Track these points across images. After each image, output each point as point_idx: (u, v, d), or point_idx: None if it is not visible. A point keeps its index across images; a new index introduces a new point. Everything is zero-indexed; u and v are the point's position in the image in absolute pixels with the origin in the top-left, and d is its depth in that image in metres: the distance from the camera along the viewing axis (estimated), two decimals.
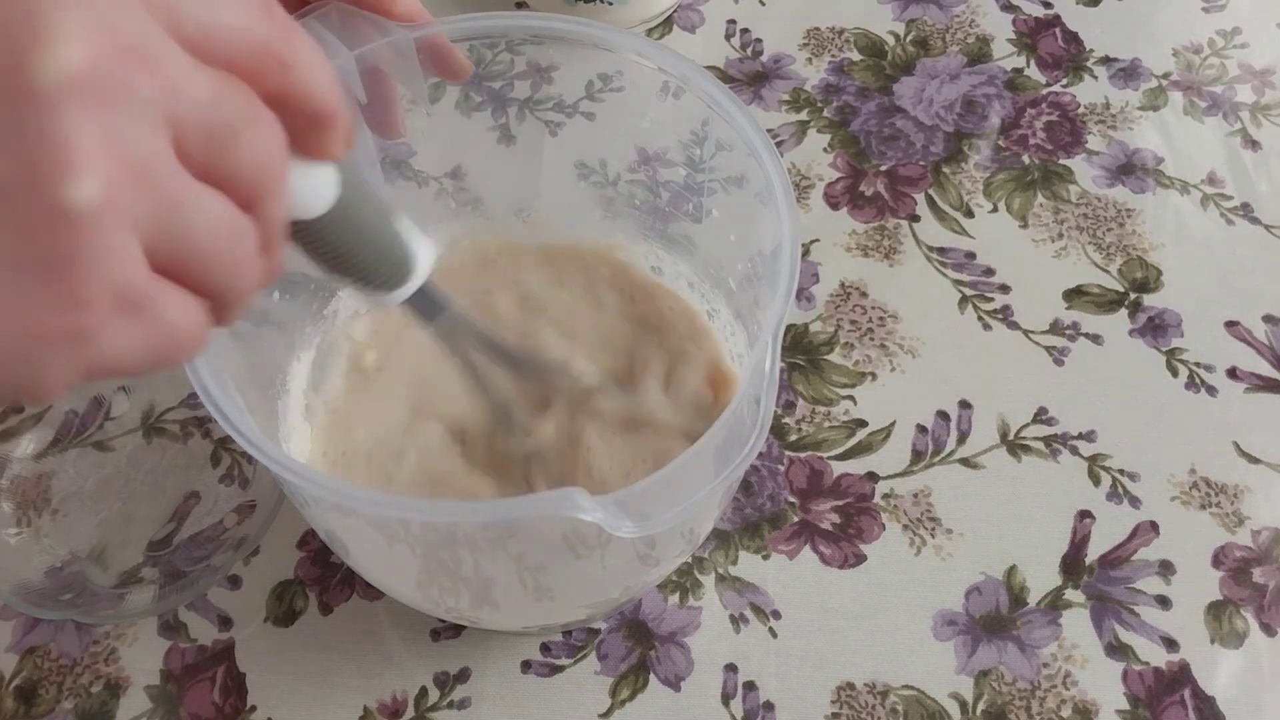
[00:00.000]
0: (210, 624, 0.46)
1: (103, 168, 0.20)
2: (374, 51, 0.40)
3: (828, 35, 0.66)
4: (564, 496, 0.31)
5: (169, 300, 0.23)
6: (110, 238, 0.21)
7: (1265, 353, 0.54)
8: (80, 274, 0.21)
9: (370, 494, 0.40)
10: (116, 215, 0.21)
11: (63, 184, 0.20)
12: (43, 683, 0.45)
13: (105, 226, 0.21)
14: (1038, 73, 0.65)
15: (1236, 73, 0.65)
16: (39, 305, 0.21)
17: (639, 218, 0.48)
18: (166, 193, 0.22)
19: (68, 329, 0.21)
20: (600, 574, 0.40)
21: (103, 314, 0.21)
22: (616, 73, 0.45)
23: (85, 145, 0.20)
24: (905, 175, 0.60)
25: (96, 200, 0.20)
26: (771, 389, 0.34)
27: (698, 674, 0.45)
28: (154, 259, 0.22)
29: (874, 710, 0.44)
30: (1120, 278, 0.56)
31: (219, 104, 0.23)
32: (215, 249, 0.23)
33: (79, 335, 0.21)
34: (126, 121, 0.21)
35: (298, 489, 0.35)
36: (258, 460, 0.33)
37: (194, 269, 0.23)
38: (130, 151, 0.21)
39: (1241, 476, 0.50)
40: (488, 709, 0.44)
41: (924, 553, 0.48)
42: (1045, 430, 0.51)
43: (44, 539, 0.47)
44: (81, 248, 0.21)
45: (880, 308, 0.55)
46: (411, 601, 0.43)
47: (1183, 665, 0.45)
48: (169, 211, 0.22)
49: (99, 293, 0.21)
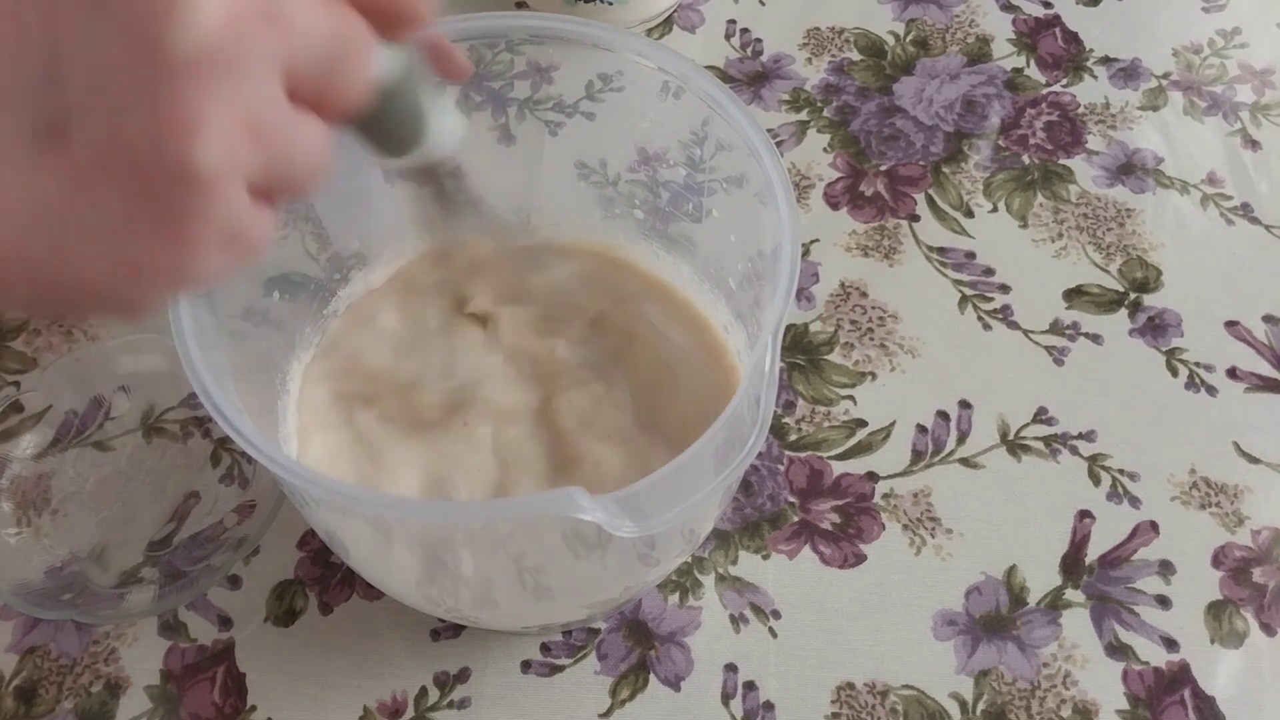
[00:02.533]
0: (210, 624, 0.46)
1: (225, 132, 0.21)
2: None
3: (828, 35, 0.66)
4: (564, 496, 0.31)
5: (262, 223, 0.24)
6: (225, 191, 0.22)
7: (1265, 353, 0.54)
8: (192, 224, 0.22)
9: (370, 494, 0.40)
10: (233, 172, 0.22)
11: (187, 148, 0.21)
12: (43, 683, 0.45)
13: (222, 182, 0.22)
14: (1038, 73, 0.65)
15: (1236, 73, 0.65)
16: (148, 247, 0.22)
17: (639, 218, 0.48)
18: (278, 140, 0.23)
19: (172, 265, 0.22)
20: (600, 574, 0.40)
21: (207, 251, 0.23)
22: (616, 73, 0.45)
23: (211, 111, 0.21)
24: (905, 175, 0.60)
25: (217, 163, 0.21)
26: (771, 389, 0.34)
27: (698, 674, 0.45)
28: (253, 190, 0.23)
29: (874, 710, 0.44)
30: (1120, 278, 0.56)
31: (331, 43, 0.24)
32: (306, 169, 0.24)
33: (181, 269, 0.23)
34: (249, 81, 0.22)
35: (298, 489, 0.35)
36: (258, 460, 0.33)
37: (285, 187, 0.24)
38: (250, 109, 0.22)
39: (1241, 476, 0.50)
40: (488, 709, 0.44)
41: (924, 553, 0.48)
42: (1045, 430, 0.51)
43: (44, 539, 0.47)
44: (197, 204, 0.22)
45: (880, 308, 0.55)
46: (411, 601, 0.43)
47: (1183, 665, 0.45)
48: (278, 156, 0.23)
49: (206, 236, 0.22)
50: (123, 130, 0.21)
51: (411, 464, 0.43)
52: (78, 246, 0.22)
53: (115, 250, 0.22)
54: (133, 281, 0.22)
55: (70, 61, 0.20)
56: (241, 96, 0.21)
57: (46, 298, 0.23)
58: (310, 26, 0.23)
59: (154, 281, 0.23)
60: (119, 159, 0.21)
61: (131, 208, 0.21)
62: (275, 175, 0.23)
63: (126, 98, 0.20)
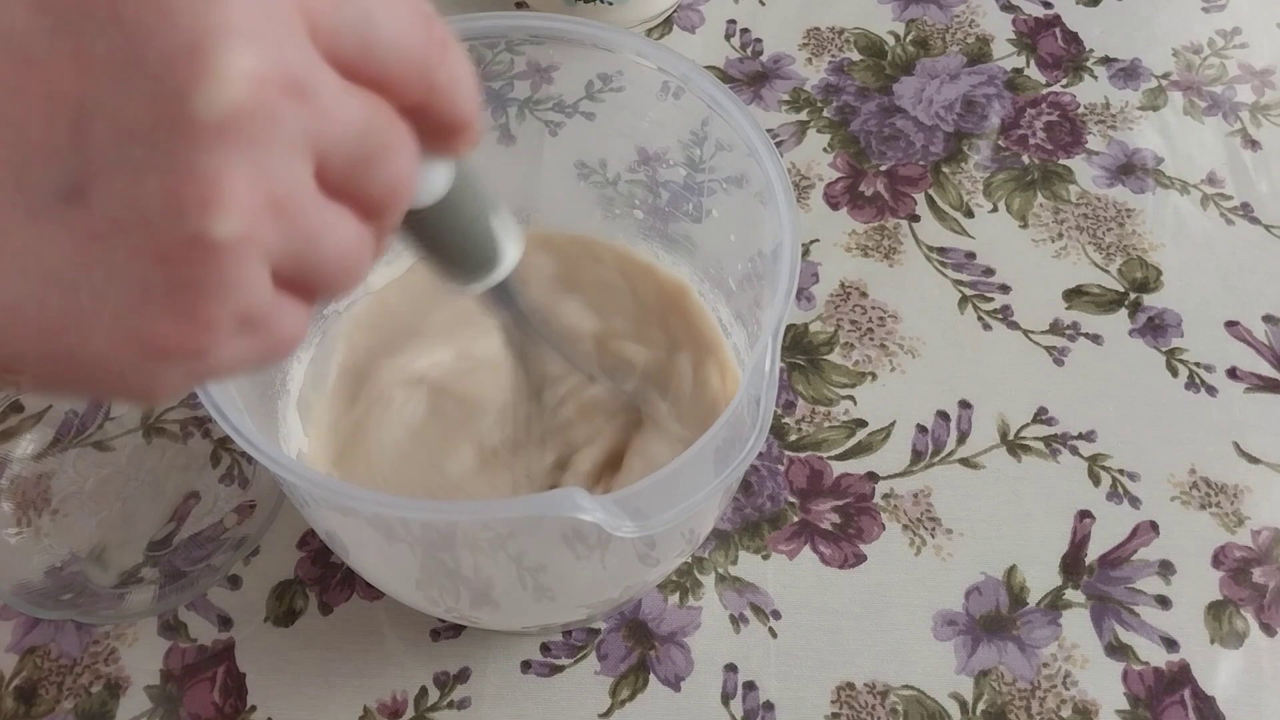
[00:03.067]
0: (210, 624, 0.46)
1: (247, 204, 0.21)
2: None
3: (828, 35, 0.66)
4: (564, 496, 0.31)
5: (285, 315, 0.23)
6: (243, 269, 0.21)
7: (1265, 353, 0.54)
8: (209, 301, 0.21)
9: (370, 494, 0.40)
10: (253, 248, 0.21)
11: (206, 218, 0.20)
12: (43, 683, 0.45)
13: (240, 259, 0.21)
14: (1038, 73, 0.65)
15: (1236, 73, 0.65)
16: (163, 326, 0.21)
17: (639, 218, 0.48)
18: (303, 224, 0.22)
19: (188, 349, 0.22)
20: (600, 574, 0.40)
21: (225, 335, 0.22)
22: (616, 73, 0.45)
23: (233, 181, 0.20)
24: (905, 175, 0.60)
25: (236, 235, 0.21)
26: (771, 389, 0.34)
27: (698, 674, 0.45)
28: (278, 278, 0.22)
29: (874, 710, 0.44)
30: (1120, 278, 0.56)
31: (365, 131, 0.23)
32: (338, 266, 0.24)
33: (198, 353, 0.22)
34: (275, 156, 0.21)
35: (298, 489, 0.35)
36: (257, 460, 0.33)
37: (315, 283, 0.24)
38: (275, 185, 0.21)
39: (1241, 476, 0.50)
40: (488, 709, 0.44)
41: (924, 553, 0.48)
42: (1045, 430, 0.51)
43: (44, 539, 0.47)
44: (214, 278, 0.21)
45: (880, 308, 0.55)
46: (411, 601, 0.43)
47: (1183, 665, 0.45)
48: (302, 240, 0.22)
49: (224, 317, 0.21)
50: (141, 193, 0.20)
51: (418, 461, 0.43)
52: (92, 316, 0.21)
53: (129, 323, 0.21)
54: (146, 359, 0.22)
55: (96, 120, 0.20)
56: (265, 169, 0.21)
57: (60, 368, 0.22)
58: (341, 111, 0.22)
59: (168, 361, 0.22)
60: (135, 222, 0.20)
61: (146, 276, 0.21)
62: (303, 264, 0.23)
63: (146, 159, 0.20)
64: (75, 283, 0.21)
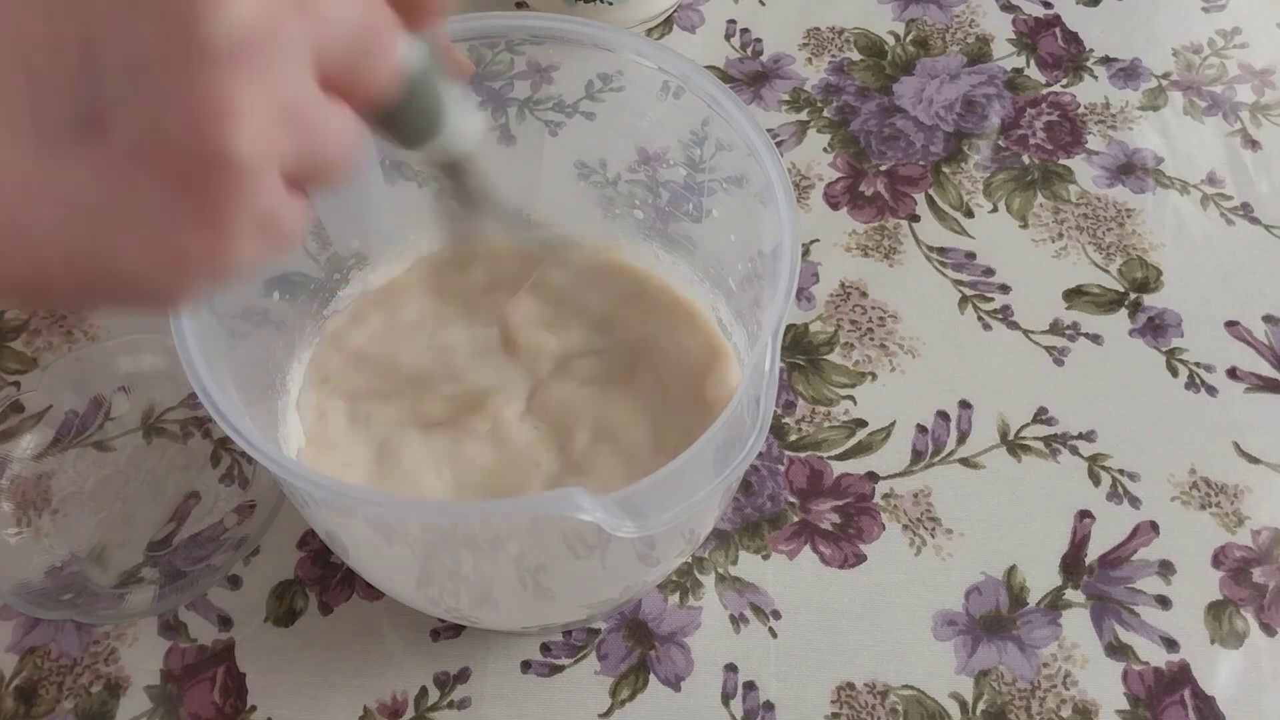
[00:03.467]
0: (210, 624, 0.46)
1: (262, 118, 0.21)
2: None
3: (828, 35, 0.66)
4: (564, 496, 0.31)
5: (295, 212, 0.24)
6: (260, 179, 0.22)
7: (1265, 353, 0.54)
8: (230, 212, 0.22)
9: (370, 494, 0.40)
10: (269, 158, 0.22)
11: (224, 137, 0.21)
12: (43, 683, 0.45)
13: (259, 170, 0.22)
14: (1038, 73, 0.65)
15: (1236, 73, 0.65)
16: (187, 237, 0.22)
17: (639, 218, 0.48)
18: (311, 127, 0.23)
19: (211, 254, 0.23)
20: (600, 574, 0.40)
21: (244, 239, 0.23)
22: (616, 73, 0.45)
23: (247, 99, 0.21)
24: (905, 175, 0.60)
25: (255, 150, 0.21)
26: (771, 389, 0.34)
27: (698, 674, 0.45)
28: (287, 177, 0.23)
29: (874, 710, 0.44)
30: (1120, 278, 0.56)
31: (359, 28, 0.24)
32: (339, 158, 0.25)
33: (220, 257, 0.23)
34: (284, 69, 0.22)
35: (298, 489, 0.35)
36: (257, 460, 0.33)
37: (318, 175, 0.25)
38: (285, 96, 0.22)
39: (1241, 476, 0.50)
40: (488, 709, 0.44)
41: (924, 553, 0.48)
42: (1045, 430, 0.51)
43: (44, 539, 0.47)
44: (236, 191, 0.22)
45: (880, 308, 0.55)
46: (411, 601, 0.43)
47: (1183, 665, 0.45)
48: (310, 142, 0.23)
49: (244, 224, 0.22)
50: (160, 120, 0.21)
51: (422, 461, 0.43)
52: (118, 237, 0.22)
53: (156, 240, 0.22)
54: (173, 270, 0.23)
55: (106, 53, 0.21)
56: (276, 84, 0.22)
57: (87, 288, 0.23)
58: (340, 14, 0.23)
59: (194, 270, 0.23)
60: (157, 149, 0.21)
61: (170, 197, 0.22)
62: (308, 163, 0.24)
63: (163, 87, 0.21)
64: (100, 209, 0.21)
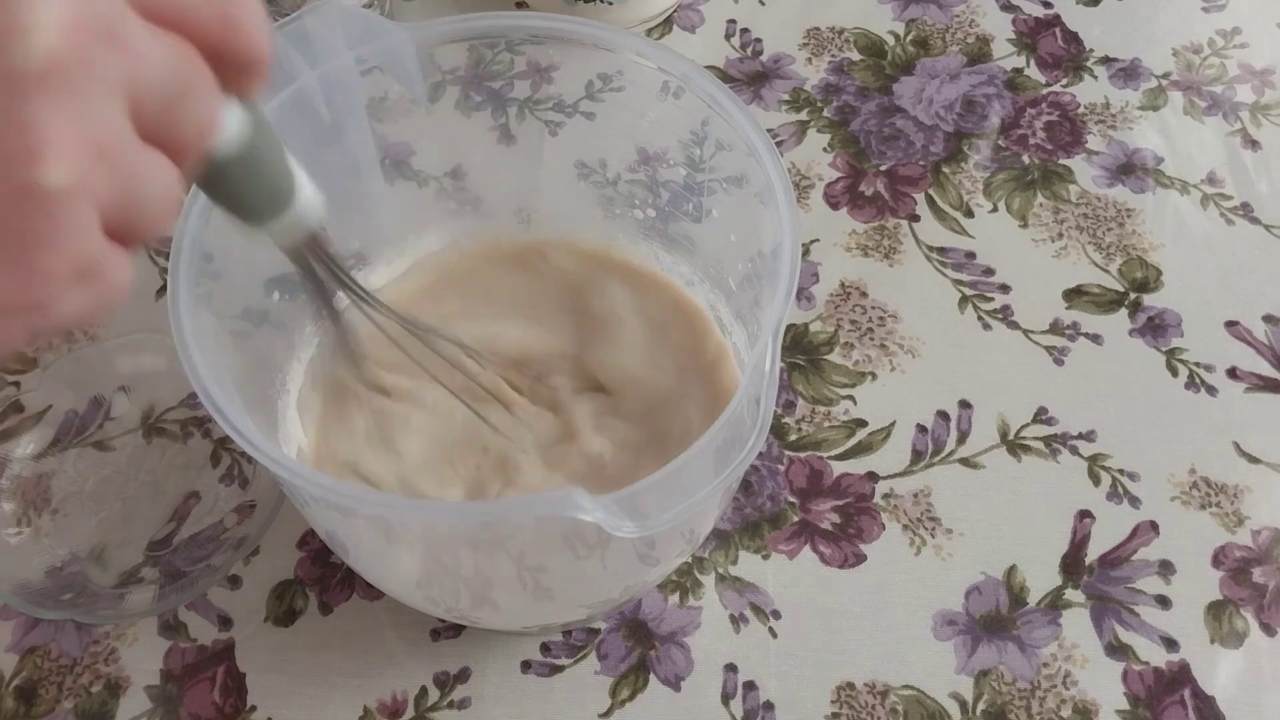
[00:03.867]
0: (210, 624, 0.46)
1: (74, 150, 0.21)
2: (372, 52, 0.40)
3: (828, 35, 0.66)
4: (564, 497, 0.31)
5: (116, 263, 0.24)
6: (76, 216, 0.21)
7: (1265, 353, 0.54)
8: (45, 253, 0.21)
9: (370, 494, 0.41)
10: (84, 194, 0.21)
11: (36, 168, 0.21)
12: (43, 683, 0.45)
13: (73, 206, 0.21)
14: (1038, 73, 0.65)
15: (1236, 73, 0.65)
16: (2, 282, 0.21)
17: (639, 218, 0.48)
18: (125, 166, 0.23)
19: (27, 303, 0.22)
20: (600, 574, 0.40)
21: (62, 287, 0.22)
22: (616, 73, 0.45)
23: (58, 130, 0.21)
24: (905, 175, 0.60)
25: (68, 182, 0.21)
26: (771, 389, 0.34)
27: (698, 674, 0.45)
28: (106, 225, 0.23)
29: (874, 710, 0.44)
30: (1120, 278, 0.56)
31: (172, 72, 0.23)
32: (158, 209, 0.24)
33: (38, 307, 0.22)
34: (94, 100, 0.21)
35: (298, 489, 0.35)
36: (258, 460, 0.33)
37: (138, 227, 0.24)
38: (97, 130, 0.21)
39: (1241, 476, 0.50)
40: (488, 709, 0.44)
41: (924, 553, 0.48)
42: (1045, 430, 0.51)
43: (44, 539, 0.47)
44: (48, 228, 0.21)
45: (880, 308, 0.55)
46: (411, 601, 0.43)
47: (1183, 665, 0.45)
48: (127, 183, 0.23)
49: (61, 268, 0.22)
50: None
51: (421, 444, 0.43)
52: None
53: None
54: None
55: None
56: (87, 114, 0.21)
57: None
58: (150, 52, 0.23)
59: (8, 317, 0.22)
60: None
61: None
62: (127, 209, 0.23)
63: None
64: None
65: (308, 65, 0.39)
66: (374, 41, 0.40)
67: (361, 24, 0.39)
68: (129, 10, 0.22)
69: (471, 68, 0.46)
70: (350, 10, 0.39)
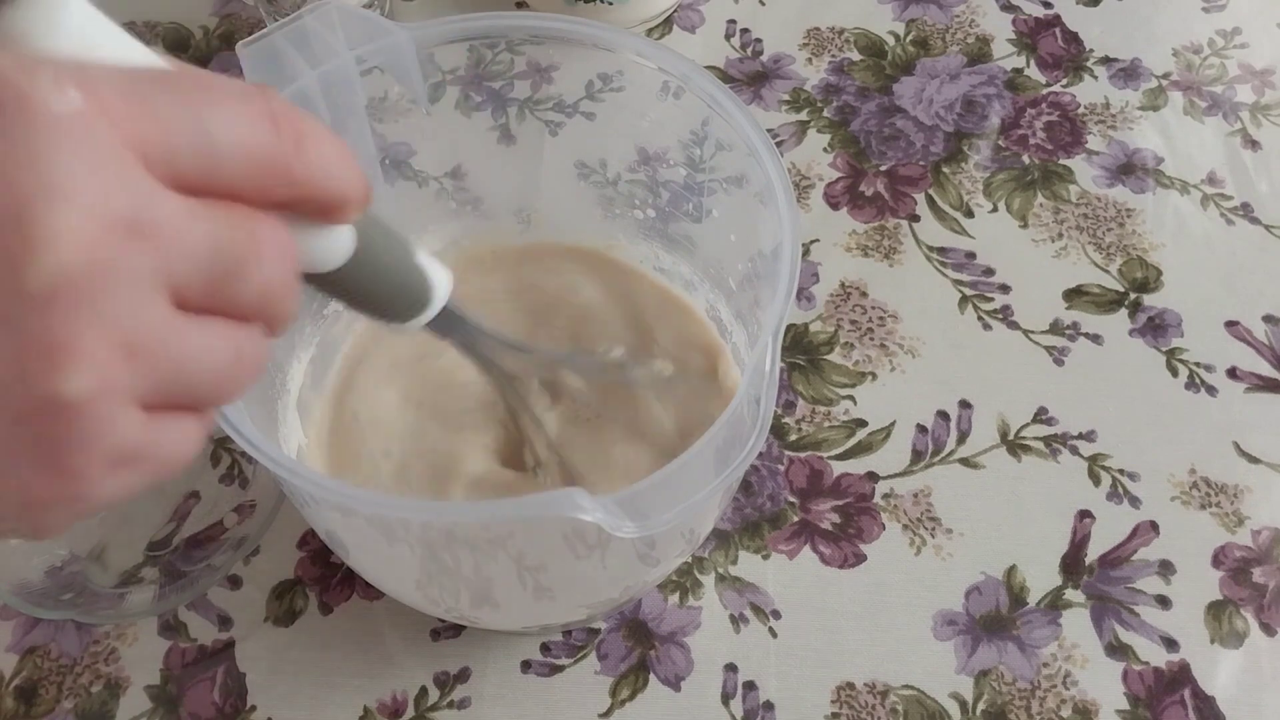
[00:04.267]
0: (210, 624, 0.46)
1: (95, 357, 0.20)
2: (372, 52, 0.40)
3: (828, 35, 0.66)
4: (564, 496, 0.31)
5: (165, 438, 0.23)
6: (103, 417, 0.21)
7: (1265, 353, 0.54)
8: (73, 454, 0.21)
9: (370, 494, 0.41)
10: (110, 396, 0.21)
11: (54, 379, 0.20)
12: (43, 683, 0.45)
13: (97, 410, 0.21)
14: (1038, 73, 0.65)
15: (1236, 73, 0.65)
16: (35, 481, 0.21)
17: (639, 218, 0.48)
18: (165, 357, 0.22)
19: (63, 495, 0.22)
20: (600, 574, 0.40)
21: (98, 478, 0.22)
22: (616, 73, 0.45)
23: (78, 339, 0.20)
24: (905, 175, 0.60)
25: (89, 390, 0.21)
26: (771, 389, 0.34)
27: (698, 674, 0.45)
28: (152, 404, 0.22)
29: (874, 710, 0.44)
30: (1120, 278, 0.56)
31: (218, 250, 0.22)
32: (217, 380, 0.23)
33: (74, 500, 0.22)
34: (121, 303, 0.21)
35: (298, 489, 0.35)
36: (258, 460, 0.33)
37: (195, 398, 0.23)
38: (126, 331, 0.21)
39: (1241, 476, 0.50)
40: (488, 709, 0.44)
41: (924, 553, 0.48)
42: (1045, 430, 0.51)
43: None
44: (73, 433, 0.21)
45: (880, 308, 0.55)
46: (411, 601, 0.43)
47: (1183, 665, 0.45)
48: (168, 372, 0.22)
49: (93, 464, 0.22)
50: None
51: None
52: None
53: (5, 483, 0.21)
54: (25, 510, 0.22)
55: None
56: (112, 318, 0.21)
57: None
58: (189, 234, 0.22)
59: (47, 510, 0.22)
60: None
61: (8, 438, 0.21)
62: (175, 391, 0.23)
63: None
64: None
65: (308, 65, 0.39)
66: (374, 41, 0.40)
67: (361, 24, 0.39)
68: (163, 194, 0.21)
69: (471, 68, 0.46)
70: (350, 10, 0.39)
